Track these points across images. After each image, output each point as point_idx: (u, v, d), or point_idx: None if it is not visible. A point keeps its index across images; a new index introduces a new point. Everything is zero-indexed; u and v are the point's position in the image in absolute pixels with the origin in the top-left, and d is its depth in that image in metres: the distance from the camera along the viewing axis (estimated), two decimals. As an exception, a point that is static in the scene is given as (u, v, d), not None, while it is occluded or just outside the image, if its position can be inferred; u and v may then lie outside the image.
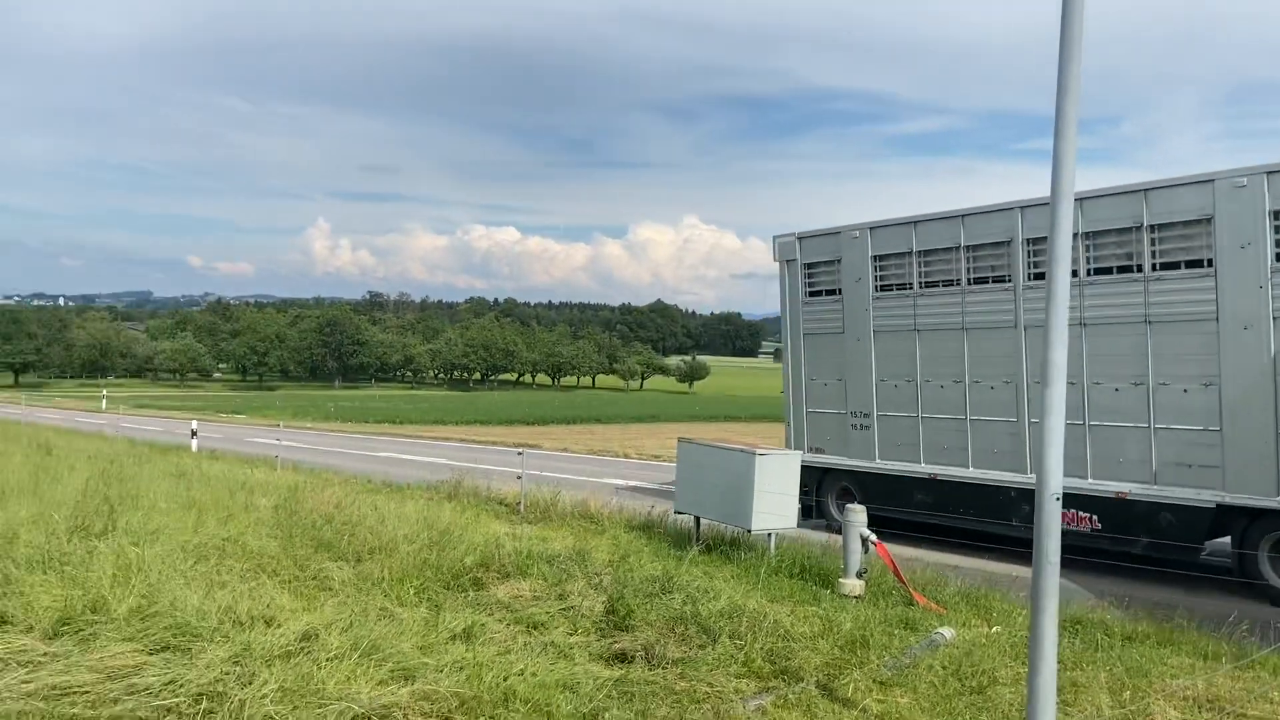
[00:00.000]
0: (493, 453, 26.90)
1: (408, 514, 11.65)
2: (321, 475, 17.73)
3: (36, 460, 16.37)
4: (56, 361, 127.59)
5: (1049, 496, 5.16)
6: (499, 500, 14.81)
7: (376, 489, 15.41)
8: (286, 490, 13.50)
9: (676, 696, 5.93)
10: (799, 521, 10.28)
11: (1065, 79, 5.17)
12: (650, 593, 8.19)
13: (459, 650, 6.34)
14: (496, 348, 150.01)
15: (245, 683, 5.33)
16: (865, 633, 7.36)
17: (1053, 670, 5.10)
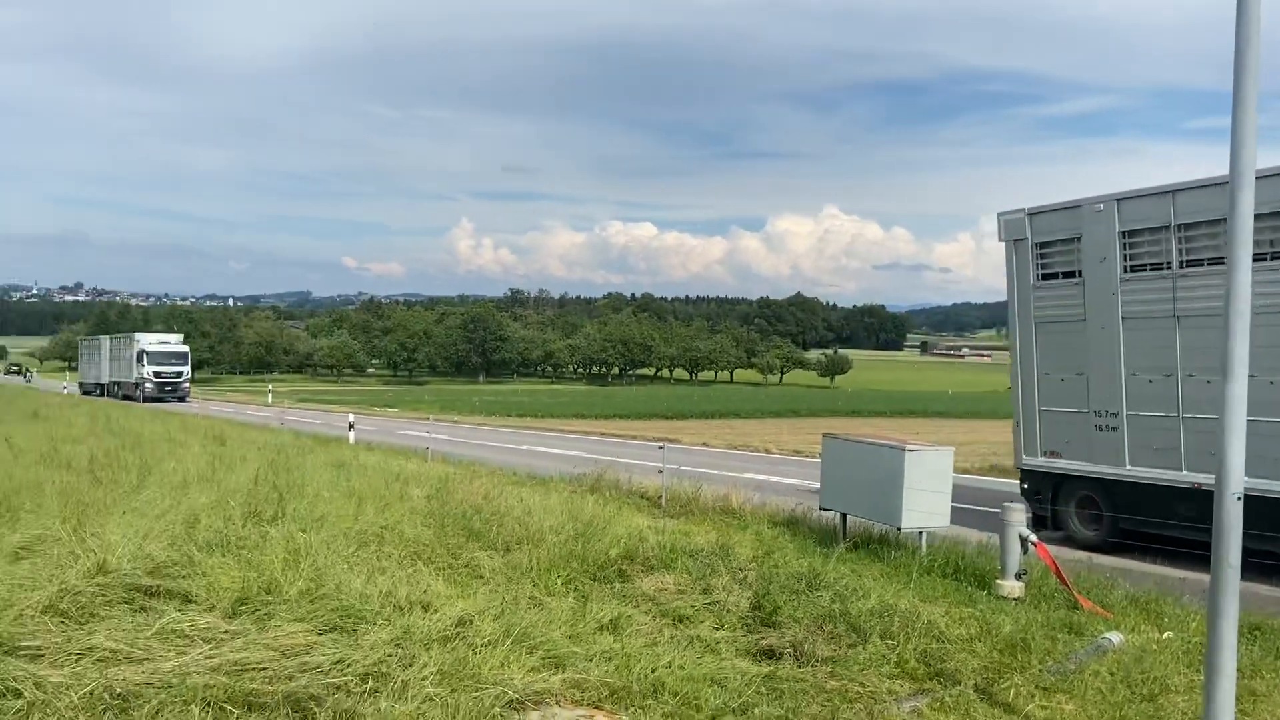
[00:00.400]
0: (632, 446, 27.16)
1: (552, 506, 11.88)
2: (469, 467, 18.30)
3: (213, 450, 17.50)
4: (227, 358, 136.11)
5: (1229, 496, 4.86)
6: (640, 494, 14.93)
7: (521, 481, 15.79)
8: (437, 481, 14.00)
9: (827, 695, 5.85)
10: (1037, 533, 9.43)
11: (1243, 51, 4.84)
12: (796, 589, 8.11)
13: (607, 641, 6.42)
14: (634, 343, 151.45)
15: (406, 664, 5.55)
16: (1026, 636, 7.08)
17: (1232, 679, 4.81)
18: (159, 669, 5.28)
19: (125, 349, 58.23)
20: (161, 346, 56.90)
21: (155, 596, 6.74)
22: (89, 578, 6.80)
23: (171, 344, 58.35)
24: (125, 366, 57.17)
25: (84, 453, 16.00)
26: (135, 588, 6.82)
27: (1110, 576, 9.17)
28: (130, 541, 7.78)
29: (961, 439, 32.89)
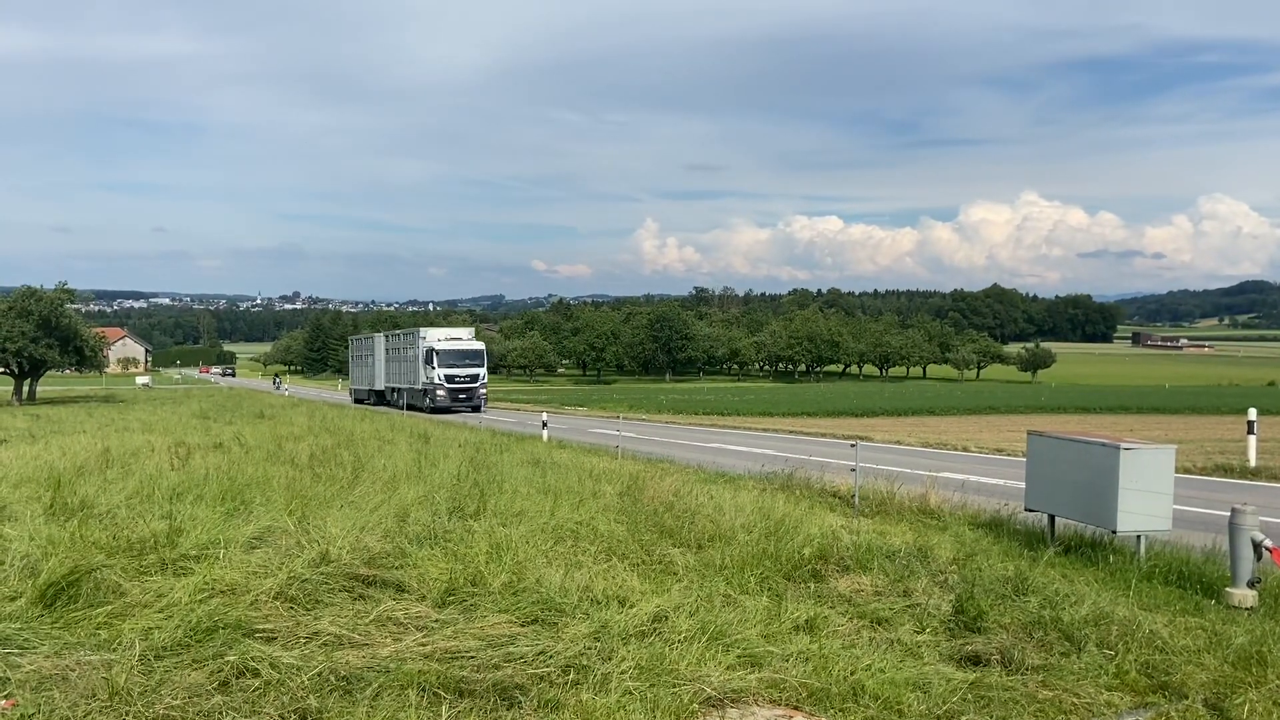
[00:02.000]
0: (821, 444, 26.71)
1: (742, 504, 11.84)
2: (659, 465, 18.52)
3: (418, 448, 18.51)
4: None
5: None
6: (832, 492, 14.66)
7: (711, 479, 15.83)
8: (628, 478, 14.24)
9: (1039, 705, 5.55)
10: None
11: None
12: (1002, 594, 7.76)
13: (803, 641, 6.34)
14: (821, 339, 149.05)
15: (605, 658, 5.68)
16: (1261, 649, 6.47)
17: None
18: (377, 654, 5.62)
19: (407, 348, 49.25)
20: (453, 344, 46.51)
21: (372, 585, 7.19)
22: (314, 567, 7.33)
23: (463, 341, 47.78)
24: (408, 369, 48.38)
25: (304, 450, 17.26)
26: (354, 576, 7.30)
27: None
28: (348, 533, 8.33)
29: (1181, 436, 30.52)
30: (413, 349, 47.89)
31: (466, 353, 46.64)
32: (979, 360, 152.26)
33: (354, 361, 61.55)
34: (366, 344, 57.74)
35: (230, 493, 10.91)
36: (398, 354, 50.95)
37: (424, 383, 45.69)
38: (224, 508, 9.78)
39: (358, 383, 58.64)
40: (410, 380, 47.75)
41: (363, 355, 58.15)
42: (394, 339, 53.40)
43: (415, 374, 46.91)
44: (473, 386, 45.72)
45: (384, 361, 53.12)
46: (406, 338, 50.52)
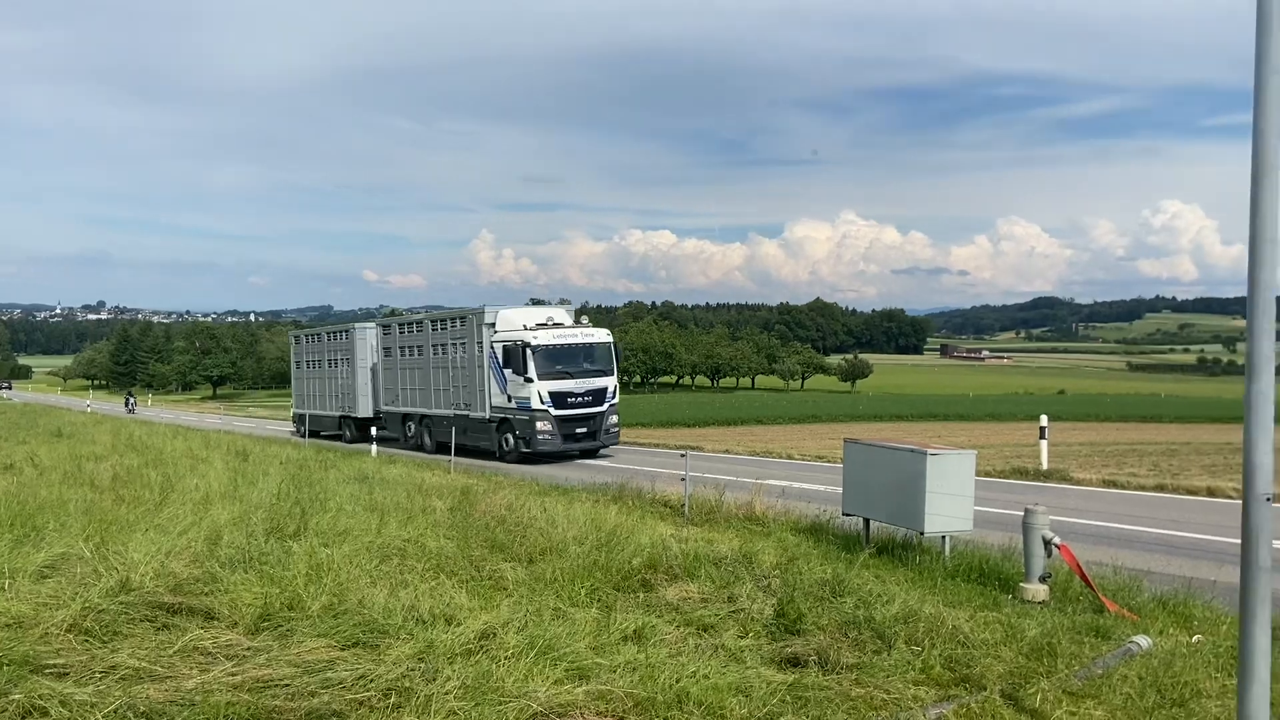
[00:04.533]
0: (655, 455, 27.10)
1: (576, 516, 11.86)
2: (492, 478, 18.33)
3: (235, 466, 17.61)
4: (249, 373, 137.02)
5: (1258, 497, 4.77)
6: (663, 502, 14.90)
7: (545, 491, 15.79)
8: (460, 493, 14.03)
9: (853, 703, 5.79)
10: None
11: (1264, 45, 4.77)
12: (821, 596, 8.07)
13: (631, 651, 6.39)
14: (655, 350, 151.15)
15: (430, 679, 5.54)
16: (1052, 640, 6.99)
17: (1266, 683, 4.73)
18: (181, 687, 5.29)
19: (450, 345, 28.01)
20: (560, 336, 25.62)
21: (178, 614, 6.77)
22: (112, 596, 6.84)
23: (576, 330, 26.34)
24: (451, 383, 28.06)
25: (106, 470, 16.12)
26: (158, 605, 6.86)
27: (1135, 577, 9.05)
28: (153, 559, 7.82)
29: (983, 441, 32.67)
30: (463, 346, 27.35)
31: (584, 350, 25.85)
32: (803, 371, 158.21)
33: (303, 372, 38.88)
34: (335, 344, 35.90)
35: (20, 518, 10.06)
36: (418, 355, 29.92)
37: (497, 408, 25.86)
38: (11, 535, 8.99)
39: (311, 404, 37.53)
40: (454, 402, 27.73)
41: (323, 362, 36.86)
42: (410, 331, 30.74)
43: (471, 391, 26.97)
44: (598, 411, 25.43)
45: (379, 370, 32.43)
46: (447, 328, 28.50)
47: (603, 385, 25.64)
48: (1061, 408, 59.86)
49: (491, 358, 26.00)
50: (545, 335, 25.18)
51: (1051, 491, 17.52)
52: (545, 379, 24.67)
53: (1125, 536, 12.88)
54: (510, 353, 25.14)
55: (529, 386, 24.63)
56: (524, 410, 24.83)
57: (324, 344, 37.27)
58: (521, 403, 24.90)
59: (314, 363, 37.96)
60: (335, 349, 35.95)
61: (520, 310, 27.32)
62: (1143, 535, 13.07)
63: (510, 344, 25.22)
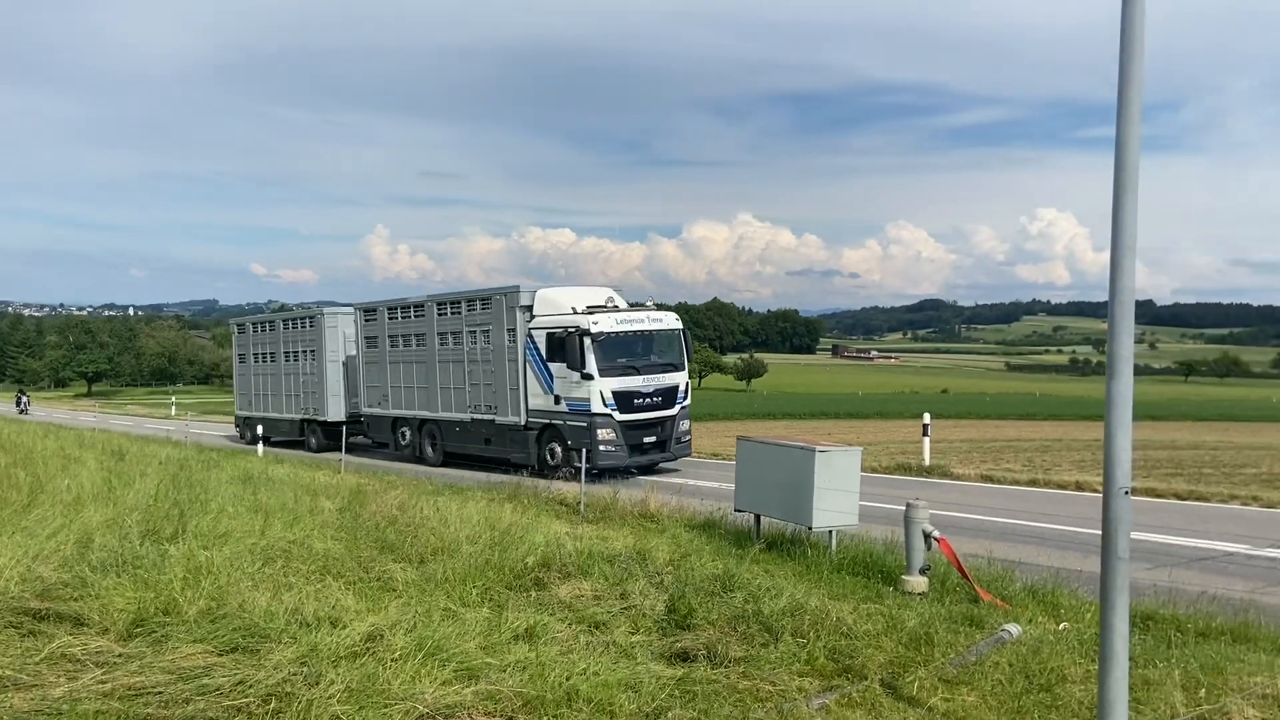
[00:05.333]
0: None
1: (470, 515, 11.76)
2: (385, 478, 18.00)
3: (110, 466, 16.83)
4: (127, 370, 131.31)
5: (1117, 490, 5.04)
6: (559, 500, 14.88)
7: (439, 490, 15.58)
8: (350, 493, 13.73)
9: (739, 695, 5.91)
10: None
11: (1127, 63, 5.04)
12: (712, 591, 8.19)
13: (522, 650, 6.37)
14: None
15: (312, 683, 5.42)
16: (929, 630, 7.25)
17: (1124, 667, 4.98)
18: (48, 695, 5.06)
19: (489, 331, 22.32)
20: (626, 322, 20.85)
21: (45, 620, 6.46)
22: (-27, 603, 6.48)
23: (644, 321, 21.28)
24: (489, 383, 22.37)
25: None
26: (23, 611, 6.54)
27: (1008, 568, 9.46)
28: (18, 563, 7.44)
29: (870, 439, 33.62)
30: (487, 335, 22.25)
31: (653, 339, 21.20)
32: (700, 369, 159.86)
33: (249, 368, 33.21)
34: (296, 335, 30.28)
35: None
36: (418, 347, 24.62)
37: (537, 411, 21.09)
38: None
39: (261, 406, 32.03)
40: (473, 404, 22.75)
41: (277, 356, 31.24)
42: (406, 317, 25.28)
43: (498, 390, 21.91)
44: (668, 415, 20.86)
45: (360, 365, 27.15)
46: (461, 312, 23.15)
47: (674, 383, 21.03)
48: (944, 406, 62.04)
49: (530, 349, 21.01)
50: (607, 320, 20.23)
51: (933, 487, 18.16)
52: (607, 375, 19.82)
53: (1000, 529, 13.44)
54: (560, 343, 20.14)
55: (587, 385, 19.79)
56: (579, 414, 19.97)
57: (279, 334, 31.34)
58: (576, 405, 20.06)
59: (265, 356, 32.14)
60: (295, 340, 30.28)
61: (565, 290, 21.83)
62: (1016, 528, 13.65)
63: (559, 331, 20.20)
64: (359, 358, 27.23)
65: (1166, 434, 41.35)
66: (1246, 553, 11.63)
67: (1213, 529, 13.23)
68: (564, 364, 20.09)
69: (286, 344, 30.97)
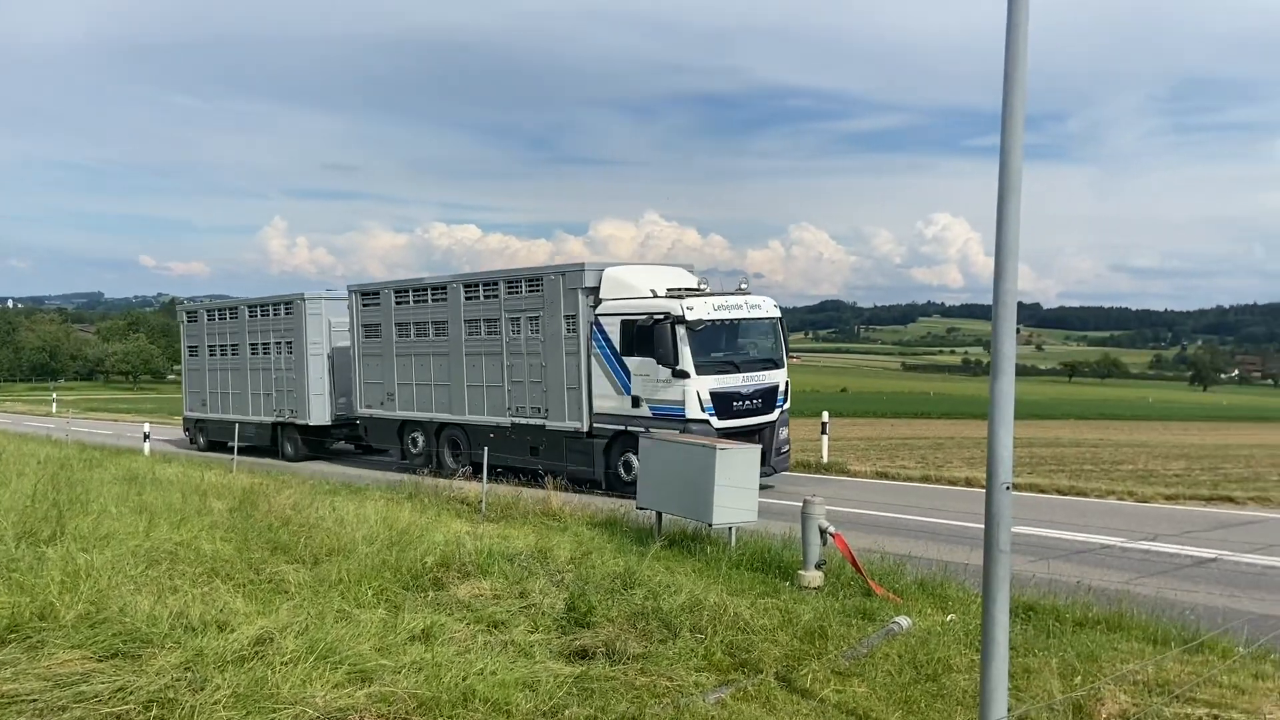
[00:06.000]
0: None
1: (367, 515, 11.57)
2: (278, 477, 17.53)
3: (-17, 466, 15.99)
4: (5, 365, 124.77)
5: (999, 485, 5.24)
6: (460, 499, 14.72)
7: (336, 490, 15.26)
8: (242, 493, 13.34)
9: (636, 691, 5.94)
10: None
11: (1011, 75, 5.24)
12: (612, 589, 8.22)
13: (418, 651, 6.30)
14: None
15: (197, 689, 5.26)
16: (824, 624, 7.42)
17: (1004, 657, 5.18)
18: (-92, 709, 4.79)
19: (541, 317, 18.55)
20: (725, 309, 17.31)
21: (-93, 629, 6.11)
22: None
23: (742, 307, 17.64)
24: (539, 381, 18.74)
25: None
26: (-117, 621, 6.16)
27: (900, 562, 9.74)
28: (-123, 570, 7.01)
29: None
30: (536, 322, 18.82)
31: (751, 330, 18.43)
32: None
33: (203, 362, 28.44)
34: (267, 323, 25.99)
35: None
36: (437, 336, 20.98)
37: (607, 415, 17.66)
38: None
39: (219, 406, 27.71)
40: (515, 406, 19.28)
41: (241, 348, 26.89)
42: (421, 301, 21.59)
43: (552, 390, 18.49)
44: (768, 421, 17.62)
45: (355, 359, 23.17)
46: (499, 294, 19.61)
47: (773, 382, 17.64)
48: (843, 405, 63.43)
49: (599, 339, 17.42)
50: (703, 306, 16.84)
51: (830, 483, 18.57)
52: (704, 372, 16.47)
53: (893, 524, 13.83)
54: (643, 332, 16.69)
55: (680, 385, 16.34)
56: (667, 420, 16.32)
57: (242, 323, 26.90)
58: (663, 409, 16.52)
59: (224, 349, 27.68)
60: (266, 329, 26.01)
61: (639, 269, 18.39)
62: (909, 523, 14.06)
63: (641, 319, 16.72)
64: (354, 350, 23.15)
65: (1051, 432, 43.14)
66: (1122, 545, 12.22)
67: (1091, 523, 13.86)
68: (647, 358, 16.69)
69: (254, 334, 26.44)
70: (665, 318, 16.52)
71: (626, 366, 17.13)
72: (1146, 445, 36.16)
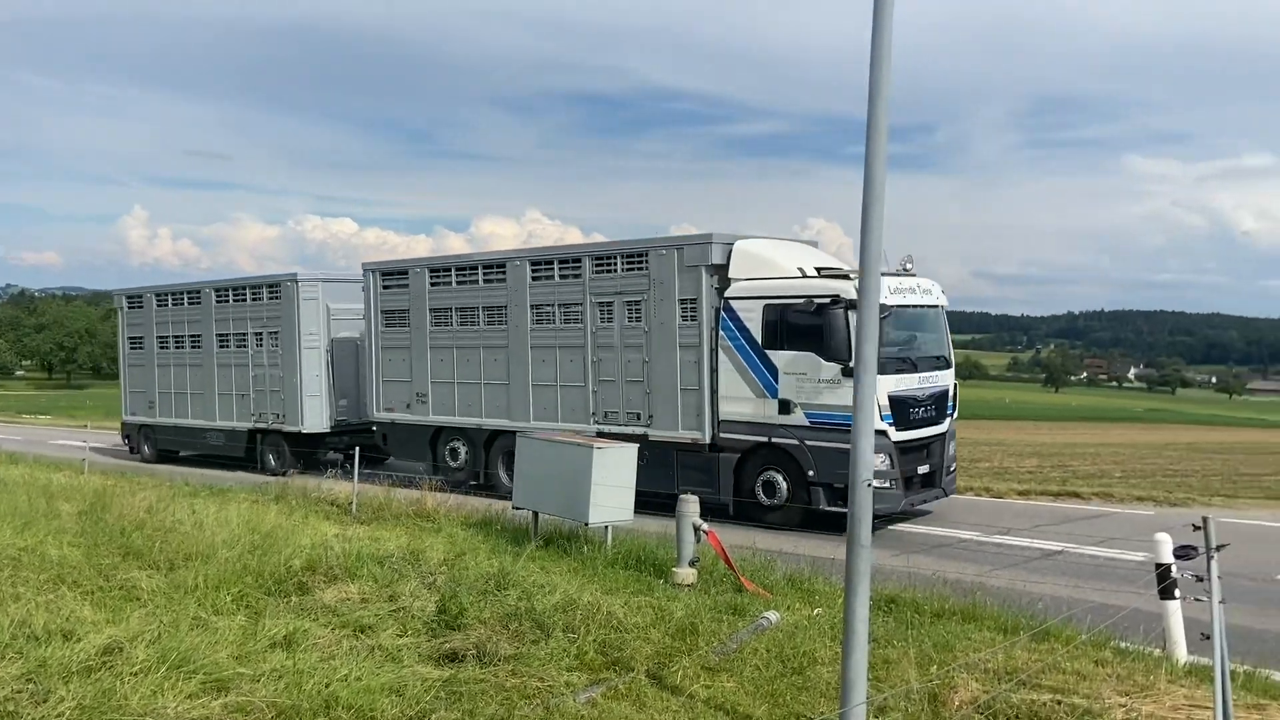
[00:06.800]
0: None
1: (229, 517, 11.15)
2: (134, 479, 16.72)
3: None
4: None
5: (860, 482, 5.41)
6: (330, 501, 14.33)
7: (196, 491, 14.65)
8: (94, 495, 12.68)
9: (506, 693, 5.91)
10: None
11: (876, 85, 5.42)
12: (485, 590, 8.14)
13: (279, 658, 6.11)
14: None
15: (39, 700, 4.99)
16: (695, 620, 7.52)
17: (864, 649, 5.35)
18: None
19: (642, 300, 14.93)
20: (901, 294, 13.55)
21: None
22: None
23: (916, 290, 14.05)
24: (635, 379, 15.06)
25: None
26: None
27: (771, 559, 9.95)
28: None
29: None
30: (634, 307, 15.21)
31: (923, 320, 14.82)
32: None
33: (150, 356, 24.26)
34: (245, 310, 22.03)
35: None
36: (488, 325, 17.24)
37: (739, 424, 14.18)
38: None
39: (172, 409, 23.59)
40: (601, 410, 15.60)
41: (205, 339, 22.80)
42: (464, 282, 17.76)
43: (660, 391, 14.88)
44: (940, 433, 14.33)
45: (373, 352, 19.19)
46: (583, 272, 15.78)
47: (945, 385, 14.53)
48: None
49: (730, 328, 14.12)
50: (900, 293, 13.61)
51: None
52: (892, 372, 13.23)
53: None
54: (801, 320, 13.39)
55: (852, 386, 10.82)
56: (834, 428, 13.00)
57: (208, 309, 22.55)
58: (826, 416, 13.25)
59: (180, 341, 23.29)
60: (241, 317, 21.87)
61: (777, 243, 15.29)
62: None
63: (799, 302, 13.40)
64: (369, 341, 19.22)
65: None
66: (978, 539, 12.79)
67: (951, 518, 14.45)
68: (803, 353, 13.41)
69: (223, 323, 22.27)
70: (834, 301, 13.05)
71: (772, 363, 13.74)
72: (1003, 444, 38.02)
